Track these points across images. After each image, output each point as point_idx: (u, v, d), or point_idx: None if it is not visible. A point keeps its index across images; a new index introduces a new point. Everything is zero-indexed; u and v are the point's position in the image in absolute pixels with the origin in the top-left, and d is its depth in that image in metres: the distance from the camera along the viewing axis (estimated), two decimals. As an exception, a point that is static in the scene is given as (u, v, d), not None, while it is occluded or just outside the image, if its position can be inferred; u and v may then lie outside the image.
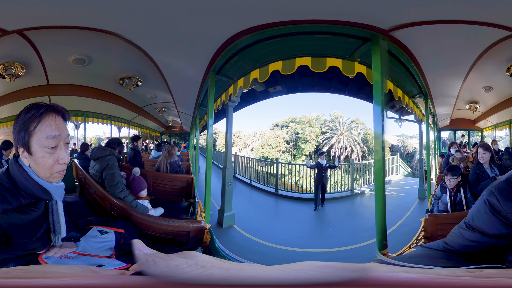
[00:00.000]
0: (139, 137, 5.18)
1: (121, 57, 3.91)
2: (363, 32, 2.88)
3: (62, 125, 1.48)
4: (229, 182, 4.92)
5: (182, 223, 2.79)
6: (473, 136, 5.61)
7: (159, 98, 5.31)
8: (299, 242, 4.30)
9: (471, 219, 1.09)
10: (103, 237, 2.26)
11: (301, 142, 14.94)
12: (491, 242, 1.03)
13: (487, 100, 4.80)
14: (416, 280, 0.45)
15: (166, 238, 2.78)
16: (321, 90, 5.74)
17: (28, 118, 1.41)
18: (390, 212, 4.57)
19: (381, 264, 0.57)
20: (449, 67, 3.87)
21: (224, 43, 3.21)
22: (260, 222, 5.14)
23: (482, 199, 1.07)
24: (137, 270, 0.52)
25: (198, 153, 6.49)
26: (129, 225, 2.62)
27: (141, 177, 3.54)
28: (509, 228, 1.00)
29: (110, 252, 2.11)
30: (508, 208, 0.99)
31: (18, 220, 1.45)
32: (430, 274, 0.48)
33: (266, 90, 5.60)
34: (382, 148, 2.94)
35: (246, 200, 6.38)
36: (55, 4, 2.66)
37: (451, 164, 3.84)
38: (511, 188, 1.01)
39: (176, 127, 6.52)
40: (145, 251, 0.56)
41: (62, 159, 1.48)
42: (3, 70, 3.83)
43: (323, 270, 0.46)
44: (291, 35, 3.12)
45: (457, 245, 1.09)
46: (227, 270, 0.48)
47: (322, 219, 5.49)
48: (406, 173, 8.07)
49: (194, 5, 2.58)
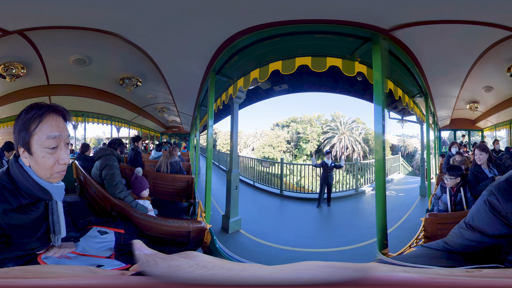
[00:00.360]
0: (139, 137, 5.16)
1: (121, 57, 3.91)
2: (364, 31, 2.87)
3: (62, 126, 1.48)
4: (235, 186, 4.68)
5: (183, 223, 2.78)
6: (473, 136, 5.61)
7: (159, 98, 5.31)
8: (309, 242, 4.29)
9: (471, 219, 1.09)
10: (103, 237, 2.26)
11: (302, 142, 14.97)
12: (491, 242, 1.03)
13: (488, 100, 4.80)
14: (415, 279, 0.45)
15: (166, 239, 2.78)
16: (328, 90, 5.70)
17: (29, 118, 1.41)
18: (394, 209, 4.78)
19: (381, 264, 0.57)
20: (449, 67, 3.88)
21: (224, 43, 3.21)
22: (267, 225, 5.04)
23: (482, 199, 1.07)
24: (137, 271, 0.52)
25: (198, 154, 6.42)
26: (129, 226, 2.61)
27: (143, 177, 3.53)
28: (509, 228, 1.00)
29: (110, 252, 2.11)
30: (508, 208, 0.99)
31: (18, 220, 1.45)
32: (430, 274, 0.49)
33: (272, 88, 5.53)
34: (382, 147, 2.94)
35: (250, 202, 6.28)
36: (56, 4, 2.66)
37: (452, 164, 3.82)
38: (511, 188, 1.01)
39: (176, 127, 6.51)
40: (145, 252, 0.56)
41: (63, 160, 1.48)
42: (4, 70, 3.83)
43: (325, 269, 0.46)
44: (290, 35, 3.11)
45: (457, 245, 1.09)
46: (229, 270, 0.48)
47: (330, 218, 5.48)
48: (407, 172, 8.20)
49: (194, 5, 2.58)
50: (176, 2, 2.57)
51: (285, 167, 7.09)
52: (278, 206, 6.20)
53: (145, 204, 3.21)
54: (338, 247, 4.03)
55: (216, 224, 4.48)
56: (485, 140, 5.33)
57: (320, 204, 5.53)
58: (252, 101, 5.95)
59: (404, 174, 8.02)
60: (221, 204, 4.83)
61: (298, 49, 3.38)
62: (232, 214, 4.53)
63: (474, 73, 3.89)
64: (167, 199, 4.34)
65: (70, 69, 4.12)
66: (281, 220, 5.47)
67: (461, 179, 3.42)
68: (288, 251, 3.98)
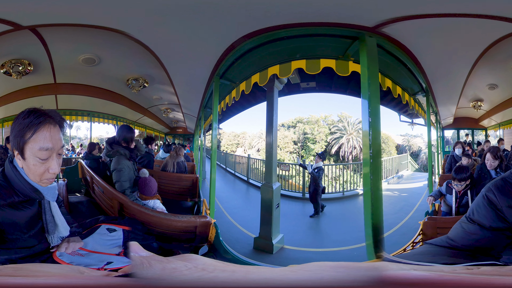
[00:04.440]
0: (153, 138, 4.99)
1: (130, 58, 3.94)
2: (350, 31, 2.91)
3: (57, 137, 1.51)
4: (276, 204, 3.99)
5: (190, 217, 2.89)
6: (477, 136, 5.51)
7: (164, 99, 5.34)
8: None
9: (471, 212, 1.23)
10: (111, 235, 2.33)
11: (309, 142, 14.88)
12: (488, 236, 1.14)
13: (492, 98, 4.70)
14: (427, 278, 0.46)
15: (173, 235, 2.87)
16: (349, 93, 5.56)
17: (25, 125, 1.45)
18: (408, 198, 5.29)
19: (388, 262, 0.59)
20: (450, 63, 3.78)
21: (227, 49, 3.30)
22: (301, 231, 4.77)
23: (481, 194, 1.22)
24: (127, 272, 0.53)
25: (203, 155, 6.37)
26: (136, 223, 2.66)
27: (151, 177, 3.49)
28: (504, 222, 1.13)
29: (119, 249, 2.16)
30: (503, 202, 1.14)
31: (11, 216, 1.52)
32: (435, 271, 0.49)
33: (298, 84, 5.22)
34: (369, 146, 2.76)
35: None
36: (71, 1, 2.68)
37: (459, 165, 3.56)
38: (506, 185, 1.17)
39: (180, 128, 6.54)
40: (141, 254, 0.56)
41: (53, 170, 1.52)
42: (10, 67, 3.78)
43: (337, 270, 0.47)
44: (284, 39, 3.17)
45: (459, 238, 1.20)
46: (233, 273, 0.47)
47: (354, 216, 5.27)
48: (414, 169, 8.92)
49: (202, 9, 2.65)
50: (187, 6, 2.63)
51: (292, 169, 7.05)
52: (303, 209, 5.75)
53: (155, 203, 3.21)
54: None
55: (242, 245, 3.99)
56: (489, 139, 5.21)
57: (316, 214, 5.19)
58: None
59: (412, 171, 8.56)
60: (240, 219, 4.52)
61: (295, 52, 3.43)
62: (274, 235, 3.99)
63: (478, 70, 3.79)
64: (172, 198, 4.37)
65: (78, 68, 4.12)
66: (313, 224, 5.15)
67: (470, 181, 3.25)
68: (335, 252, 3.82)
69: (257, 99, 5.82)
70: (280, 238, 4.05)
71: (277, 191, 4.07)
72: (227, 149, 12.99)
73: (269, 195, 4.05)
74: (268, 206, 4.03)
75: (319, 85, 5.39)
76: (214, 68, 3.74)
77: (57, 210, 1.77)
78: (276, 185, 4.08)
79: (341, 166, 7.36)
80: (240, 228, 4.43)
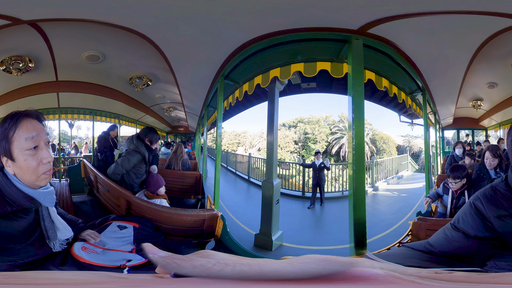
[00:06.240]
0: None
1: (135, 56, 3.88)
2: (341, 35, 3.04)
3: (38, 127, 1.53)
4: (276, 200, 4.17)
5: (198, 211, 3.03)
6: (477, 136, 5.48)
7: (166, 98, 5.32)
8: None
9: (457, 220, 1.20)
10: (122, 232, 2.36)
11: (310, 142, 14.86)
12: (470, 244, 1.13)
13: (492, 97, 4.63)
14: (380, 275, 0.47)
15: (181, 231, 2.94)
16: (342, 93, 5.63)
17: (6, 128, 1.48)
18: (407, 199, 5.39)
19: (366, 259, 0.60)
20: (446, 61, 3.74)
21: (234, 51, 3.37)
22: (300, 229, 4.86)
23: (469, 202, 1.19)
24: (164, 273, 0.51)
25: (206, 155, 6.30)
26: (144, 220, 2.69)
27: (159, 175, 3.56)
28: (492, 232, 1.10)
29: (131, 246, 2.18)
30: (491, 212, 1.11)
31: (4, 227, 1.49)
32: (398, 272, 0.50)
33: (299, 85, 5.27)
34: (352, 146, 2.86)
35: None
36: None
37: (455, 164, 3.50)
38: (495, 194, 1.13)
39: (182, 127, 6.54)
40: (159, 254, 0.53)
41: (46, 158, 1.53)
42: (10, 64, 3.66)
43: (322, 263, 0.48)
44: (284, 44, 3.29)
45: (439, 244, 1.18)
46: (249, 266, 0.47)
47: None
48: (414, 170, 8.78)
49: (211, 12, 2.69)
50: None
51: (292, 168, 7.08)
52: (304, 208, 5.88)
53: (162, 202, 3.23)
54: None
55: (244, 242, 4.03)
56: (489, 139, 5.18)
57: (312, 206, 5.47)
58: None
59: (412, 171, 8.53)
60: (242, 216, 4.59)
61: (294, 55, 3.54)
62: (274, 231, 4.13)
63: (476, 68, 3.72)
64: (175, 196, 4.35)
65: (81, 65, 4.03)
66: (313, 222, 5.34)
67: (467, 180, 3.17)
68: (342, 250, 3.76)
69: (259, 98, 5.82)
70: (279, 235, 4.19)
71: (277, 187, 4.26)
72: (228, 148, 12.97)
73: (269, 190, 4.24)
74: (268, 201, 4.23)
75: (319, 85, 5.46)
76: (220, 68, 3.78)
77: (56, 215, 1.75)
78: (276, 181, 4.26)
79: (341, 166, 7.36)
80: (241, 225, 4.54)
